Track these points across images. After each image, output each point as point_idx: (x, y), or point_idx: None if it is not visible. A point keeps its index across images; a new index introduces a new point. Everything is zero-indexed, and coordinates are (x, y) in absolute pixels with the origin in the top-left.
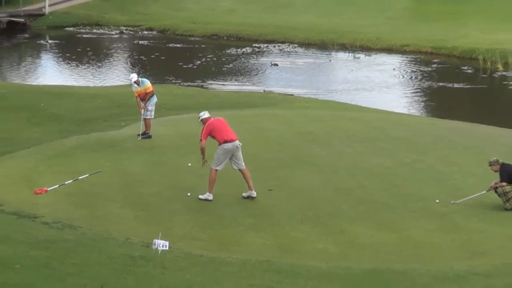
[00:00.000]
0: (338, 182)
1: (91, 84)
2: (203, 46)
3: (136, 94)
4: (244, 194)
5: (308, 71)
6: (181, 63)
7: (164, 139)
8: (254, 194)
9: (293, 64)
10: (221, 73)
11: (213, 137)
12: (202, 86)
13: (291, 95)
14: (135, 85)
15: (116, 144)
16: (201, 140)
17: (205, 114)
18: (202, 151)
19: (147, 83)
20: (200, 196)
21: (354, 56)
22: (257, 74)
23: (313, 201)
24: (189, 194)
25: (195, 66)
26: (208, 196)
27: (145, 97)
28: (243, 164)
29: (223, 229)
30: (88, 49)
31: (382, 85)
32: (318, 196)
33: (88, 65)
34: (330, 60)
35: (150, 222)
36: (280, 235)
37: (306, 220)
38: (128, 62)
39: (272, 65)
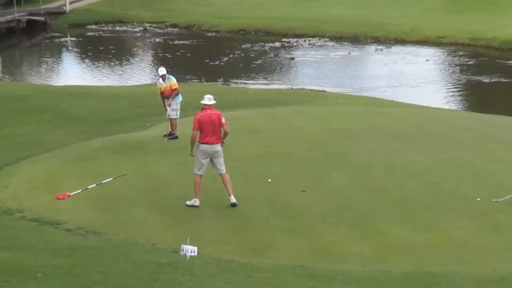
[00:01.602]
0: (374, 181)
1: (114, 84)
2: (230, 42)
3: (160, 91)
4: (196, 204)
5: (340, 66)
6: (207, 60)
7: (187, 141)
8: (233, 199)
9: (325, 59)
10: (249, 70)
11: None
12: (229, 84)
13: (323, 91)
14: (161, 80)
15: (141, 146)
16: (193, 129)
17: (204, 99)
18: (191, 142)
19: (173, 80)
20: (187, 202)
21: (387, 49)
22: (287, 70)
23: (348, 201)
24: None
25: (222, 63)
26: (195, 202)
27: (170, 94)
28: (224, 168)
29: (254, 233)
30: (111, 47)
31: (418, 79)
32: (353, 196)
33: (111, 64)
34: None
35: (177, 227)
36: (314, 238)
37: (341, 222)
38: (152, 60)
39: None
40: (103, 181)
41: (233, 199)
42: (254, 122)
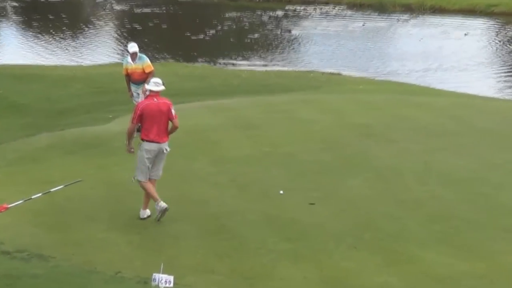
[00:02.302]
0: (403, 191)
1: (66, 63)
2: (218, 10)
3: (127, 72)
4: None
5: (361, 42)
6: (188, 34)
7: None
8: (144, 213)
9: (341, 33)
10: (242, 46)
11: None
12: (216, 64)
13: (338, 74)
14: (129, 59)
15: (101, 144)
16: (132, 122)
17: (149, 84)
18: (128, 136)
19: (147, 60)
20: (142, 216)
21: (422, 20)
22: (291, 47)
23: (370, 218)
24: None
25: (207, 38)
26: (143, 213)
27: (140, 78)
28: (158, 174)
29: (248, 258)
30: (63, 15)
31: (463, 60)
32: (376, 211)
33: (62, 37)
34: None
35: (148, 250)
36: (326, 265)
37: (361, 244)
38: (117, 34)
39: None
40: (52, 190)
41: (144, 213)
42: (248, 114)
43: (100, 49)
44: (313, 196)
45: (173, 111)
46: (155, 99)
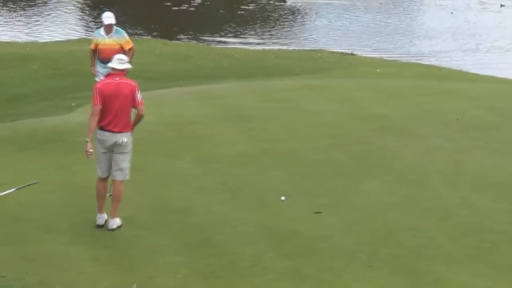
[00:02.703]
0: (429, 198)
1: (18, 40)
2: None
3: (95, 48)
4: (99, 221)
5: (378, 15)
6: (168, 3)
7: (141, 130)
8: (113, 224)
9: (355, 3)
10: (235, 19)
11: None
12: (203, 41)
13: (352, 54)
14: (101, 31)
15: (61, 138)
16: (93, 104)
17: (112, 61)
18: (91, 125)
19: (126, 35)
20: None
21: None
22: (294, 22)
23: (389, 230)
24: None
25: (191, 8)
26: (98, 218)
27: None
28: (124, 174)
29: (240, 279)
30: None
31: (503, 38)
32: (396, 221)
33: (14, 6)
34: None
35: (118, 268)
36: (334, 286)
37: (377, 262)
38: (81, 2)
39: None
40: (1, 194)
41: (111, 224)
42: (242, 103)
43: (60, 22)
44: (319, 203)
45: (138, 95)
46: (117, 78)
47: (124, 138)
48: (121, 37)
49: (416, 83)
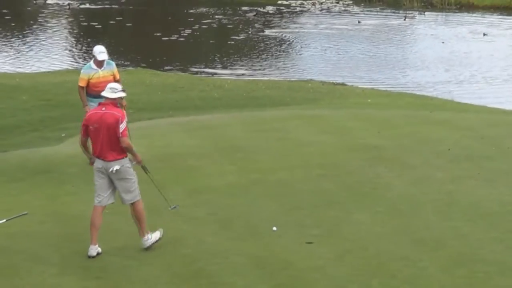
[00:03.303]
0: (421, 228)
1: (7, 70)
2: (195, 5)
3: (87, 83)
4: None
5: (369, 45)
6: (159, 34)
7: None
8: (145, 242)
9: (345, 34)
10: (225, 50)
11: None
12: (193, 71)
13: (343, 84)
14: (93, 65)
15: (52, 169)
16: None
17: (105, 89)
18: (82, 149)
19: (114, 64)
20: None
21: (445, 17)
22: (285, 52)
23: (381, 261)
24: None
25: (182, 39)
26: (90, 249)
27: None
28: (130, 195)
29: None
30: (4, 11)
31: (495, 68)
32: (388, 252)
33: (5, 38)
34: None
35: None
36: None
37: None
38: (71, 34)
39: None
40: None
41: (146, 242)
42: (233, 134)
43: (50, 53)
44: (311, 233)
45: (121, 125)
46: (103, 109)
47: (117, 166)
48: (113, 67)
49: (407, 113)
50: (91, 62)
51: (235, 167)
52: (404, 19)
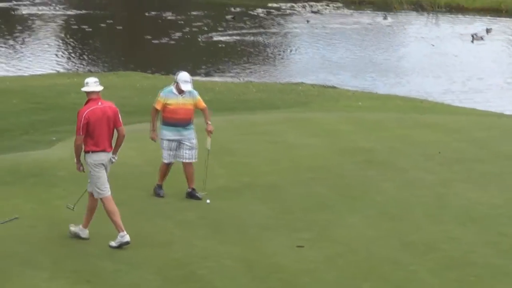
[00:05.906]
0: (412, 231)
1: None
2: (185, 9)
3: (161, 107)
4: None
5: (360, 47)
6: (149, 37)
7: (121, 164)
8: (121, 239)
9: (336, 36)
10: (215, 53)
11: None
12: None
13: (333, 87)
14: (173, 90)
15: (43, 173)
16: (77, 133)
17: (90, 84)
18: (76, 151)
19: (197, 94)
20: (112, 243)
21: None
22: (275, 55)
23: (371, 264)
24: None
25: (172, 42)
26: (125, 237)
27: (187, 118)
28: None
29: None
30: None
31: (484, 70)
32: (379, 256)
33: None
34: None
35: None
36: None
37: None
38: (61, 37)
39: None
40: None
41: (121, 238)
42: (223, 137)
43: (40, 56)
44: (302, 237)
45: (119, 116)
46: (100, 103)
47: (113, 155)
48: (194, 96)
49: (398, 116)
50: (173, 86)
51: (225, 170)
52: (385, 18)
